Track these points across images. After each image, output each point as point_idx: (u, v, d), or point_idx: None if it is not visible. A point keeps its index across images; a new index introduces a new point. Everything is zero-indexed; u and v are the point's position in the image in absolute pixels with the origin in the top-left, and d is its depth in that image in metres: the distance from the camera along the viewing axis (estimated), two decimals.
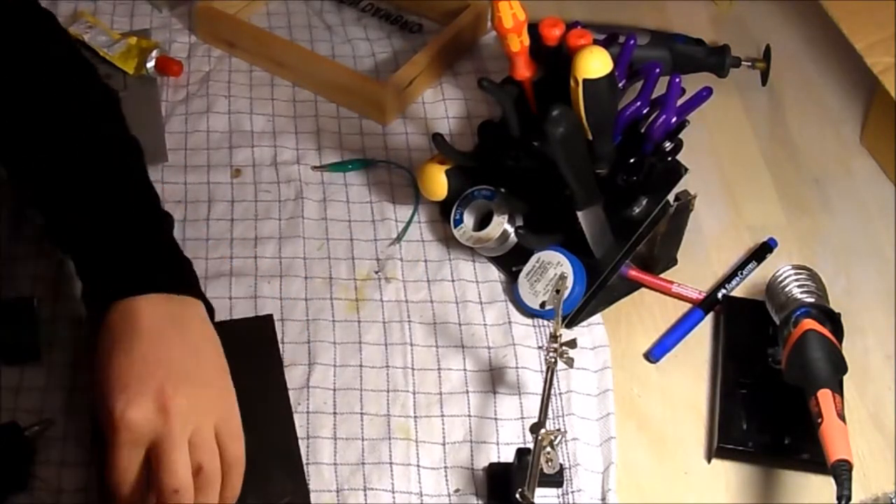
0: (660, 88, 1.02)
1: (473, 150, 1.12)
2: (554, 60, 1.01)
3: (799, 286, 0.96)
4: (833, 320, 0.93)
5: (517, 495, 0.81)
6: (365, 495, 0.90)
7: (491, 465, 0.91)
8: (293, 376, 0.96)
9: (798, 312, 0.93)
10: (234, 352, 0.96)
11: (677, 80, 1.00)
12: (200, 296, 0.87)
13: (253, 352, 0.97)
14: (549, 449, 0.82)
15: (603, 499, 0.90)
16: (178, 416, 0.78)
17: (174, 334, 0.82)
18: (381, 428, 0.94)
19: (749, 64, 1.23)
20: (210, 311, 0.87)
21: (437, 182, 1.05)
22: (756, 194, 1.14)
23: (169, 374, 0.79)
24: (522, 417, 0.94)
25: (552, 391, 0.92)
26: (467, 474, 0.91)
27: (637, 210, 1.02)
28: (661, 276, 1.06)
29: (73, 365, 0.95)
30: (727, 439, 0.93)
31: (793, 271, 0.98)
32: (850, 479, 0.82)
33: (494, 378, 0.97)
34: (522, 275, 1.02)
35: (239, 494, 0.85)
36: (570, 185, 0.98)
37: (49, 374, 0.95)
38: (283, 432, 0.92)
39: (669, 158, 1.02)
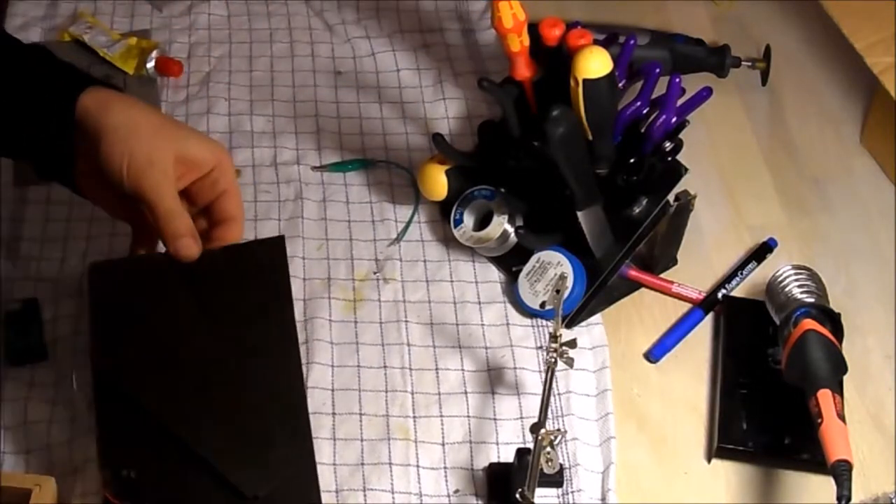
0: (660, 88, 1.02)
1: (473, 150, 1.12)
2: (554, 60, 1.01)
3: (799, 286, 0.96)
4: (833, 320, 0.93)
5: (517, 495, 0.81)
6: (364, 496, 0.90)
7: (491, 465, 0.91)
8: None
9: (798, 312, 0.93)
10: (234, 283, 0.84)
11: (677, 80, 1.00)
12: None
13: (256, 283, 0.84)
14: (549, 449, 0.82)
15: (603, 499, 0.90)
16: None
17: (150, 109, 0.87)
18: (380, 428, 0.94)
19: (749, 64, 1.23)
20: None
21: (437, 182, 1.05)
22: (756, 194, 1.14)
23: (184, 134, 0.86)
24: (522, 417, 0.94)
25: (552, 391, 0.91)
26: (467, 474, 0.91)
27: (637, 210, 1.02)
28: (661, 276, 1.06)
29: (74, 365, 0.95)
30: (727, 439, 0.93)
31: (793, 271, 0.98)
32: (849, 479, 0.82)
33: (493, 378, 0.97)
34: (522, 275, 1.02)
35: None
36: (570, 185, 0.98)
37: (58, 372, 0.95)
38: (288, 382, 0.81)
39: (669, 158, 1.02)
